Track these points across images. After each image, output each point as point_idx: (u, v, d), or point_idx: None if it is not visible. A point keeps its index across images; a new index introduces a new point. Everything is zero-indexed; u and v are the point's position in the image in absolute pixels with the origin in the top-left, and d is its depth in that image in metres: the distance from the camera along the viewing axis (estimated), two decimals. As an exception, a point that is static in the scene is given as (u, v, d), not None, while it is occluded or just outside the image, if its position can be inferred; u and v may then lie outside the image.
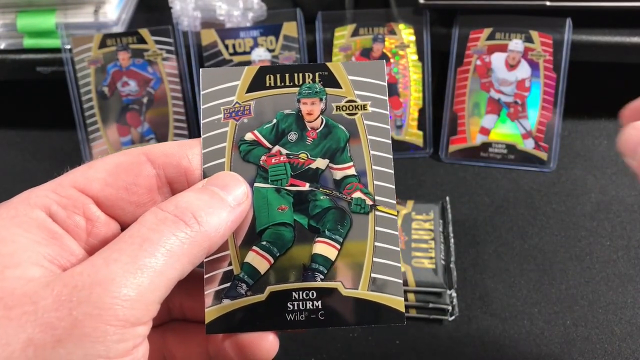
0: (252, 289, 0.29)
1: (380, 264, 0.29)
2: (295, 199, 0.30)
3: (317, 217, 0.30)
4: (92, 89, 0.70)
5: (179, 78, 0.71)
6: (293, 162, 0.31)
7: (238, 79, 0.31)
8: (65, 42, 0.69)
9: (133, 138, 0.72)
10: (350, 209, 0.30)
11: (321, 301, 0.29)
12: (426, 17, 0.69)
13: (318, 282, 0.29)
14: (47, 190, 0.28)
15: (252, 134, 0.31)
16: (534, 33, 0.68)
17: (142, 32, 0.70)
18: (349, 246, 0.30)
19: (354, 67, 0.31)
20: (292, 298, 0.29)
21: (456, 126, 0.71)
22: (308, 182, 0.30)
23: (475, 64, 0.70)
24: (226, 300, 0.29)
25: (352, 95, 0.31)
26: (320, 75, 0.31)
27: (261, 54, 0.70)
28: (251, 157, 0.30)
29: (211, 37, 0.69)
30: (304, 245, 0.30)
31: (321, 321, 0.29)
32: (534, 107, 0.69)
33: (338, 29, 0.71)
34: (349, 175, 0.30)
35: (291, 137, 0.31)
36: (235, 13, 0.70)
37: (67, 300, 0.22)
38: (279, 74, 0.31)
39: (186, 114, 0.72)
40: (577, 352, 0.52)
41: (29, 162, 0.74)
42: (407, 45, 0.70)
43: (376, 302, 0.29)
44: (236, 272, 0.29)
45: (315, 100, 0.31)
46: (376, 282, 0.29)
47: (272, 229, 0.30)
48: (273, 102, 0.31)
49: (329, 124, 0.31)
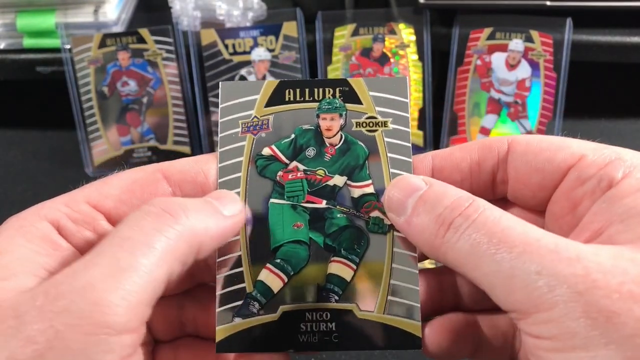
0: (265, 308, 0.28)
1: (397, 286, 0.28)
2: (311, 217, 0.30)
3: (334, 236, 0.29)
4: (91, 89, 0.70)
5: (178, 78, 0.71)
6: (310, 178, 0.30)
7: (257, 93, 0.30)
8: (65, 42, 0.69)
9: (133, 138, 0.72)
10: (367, 228, 0.29)
11: (335, 323, 0.28)
12: (426, 17, 0.69)
13: (333, 304, 0.28)
14: (59, 204, 0.27)
15: (269, 149, 0.30)
16: (534, 33, 0.68)
17: (142, 31, 0.70)
18: (366, 267, 0.29)
19: (375, 83, 0.30)
20: (305, 319, 0.28)
21: (456, 126, 0.70)
22: (325, 199, 0.30)
23: (475, 63, 0.70)
24: (238, 319, 0.28)
25: (373, 112, 0.30)
26: (340, 90, 0.30)
27: (261, 54, 0.70)
28: (268, 172, 0.30)
29: (211, 37, 0.69)
30: (319, 265, 0.29)
31: (335, 344, 0.28)
32: (534, 107, 0.69)
33: (338, 29, 0.71)
34: (367, 194, 0.30)
35: (309, 152, 0.30)
36: (235, 13, 0.70)
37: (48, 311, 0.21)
38: (299, 89, 0.30)
39: (186, 114, 0.72)
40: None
41: (29, 162, 0.74)
42: (407, 45, 0.70)
43: (392, 326, 0.28)
44: (249, 290, 0.28)
45: (335, 115, 0.30)
46: (393, 305, 0.28)
47: (287, 247, 0.29)
48: (292, 117, 0.30)
49: (348, 141, 0.30)
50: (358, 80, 0.30)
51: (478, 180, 0.29)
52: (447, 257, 0.25)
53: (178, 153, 0.73)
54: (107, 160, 0.71)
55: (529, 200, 0.29)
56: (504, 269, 0.22)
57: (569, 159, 0.27)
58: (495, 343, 0.29)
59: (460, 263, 0.24)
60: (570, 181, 0.27)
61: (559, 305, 0.21)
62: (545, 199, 0.28)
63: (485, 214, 0.24)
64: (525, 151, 0.28)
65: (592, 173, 0.26)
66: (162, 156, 0.72)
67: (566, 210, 0.27)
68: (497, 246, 0.23)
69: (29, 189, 0.70)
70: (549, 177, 0.28)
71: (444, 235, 0.25)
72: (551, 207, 0.28)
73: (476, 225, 0.24)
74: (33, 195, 0.69)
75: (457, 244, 0.24)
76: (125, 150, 0.72)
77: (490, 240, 0.23)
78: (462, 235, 0.24)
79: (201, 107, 0.70)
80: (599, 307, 0.21)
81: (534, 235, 0.23)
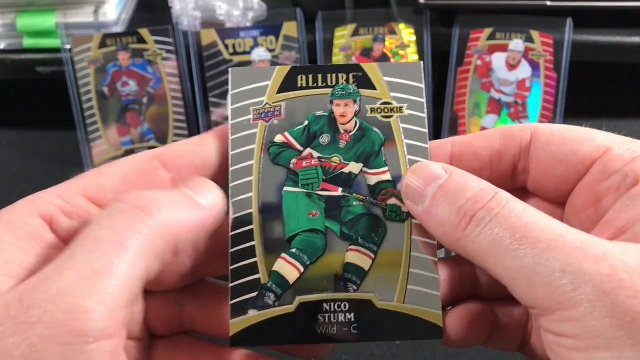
0: (281, 299, 0.27)
1: (416, 274, 0.28)
2: (326, 204, 0.29)
3: (350, 224, 0.29)
4: (91, 89, 0.70)
5: (178, 78, 0.71)
6: (325, 165, 0.29)
7: (268, 79, 0.30)
8: (64, 42, 0.69)
9: (133, 138, 0.72)
10: (384, 216, 0.28)
11: (354, 313, 0.27)
12: (426, 17, 0.69)
13: (351, 293, 0.28)
14: (53, 196, 0.26)
15: (282, 136, 0.29)
16: (535, 33, 0.68)
17: (142, 31, 0.70)
18: (384, 255, 0.28)
19: (389, 68, 0.30)
20: (322, 309, 0.27)
21: (456, 126, 0.70)
22: (340, 186, 0.29)
23: (475, 63, 0.70)
24: (252, 311, 0.27)
25: (388, 97, 0.29)
26: (354, 76, 0.30)
27: (261, 54, 0.70)
28: (281, 160, 0.29)
29: (211, 37, 0.69)
30: (335, 254, 0.28)
31: (354, 335, 0.27)
32: (535, 107, 0.69)
33: (338, 29, 0.71)
34: (383, 181, 0.29)
35: (323, 139, 0.29)
36: (235, 13, 0.70)
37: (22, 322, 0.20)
38: (311, 74, 0.30)
39: (186, 114, 0.72)
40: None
41: (29, 162, 0.74)
42: (407, 45, 0.70)
43: (412, 316, 0.27)
44: (263, 281, 0.28)
45: (349, 101, 0.29)
46: (412, 294, 0.27)
47: (303, 236, 0.28)
48: (304, 103, 0.29)
49: (363, 127, 0.29)
50: (372, 65, 0.30)
51: (498, 169, 0.29)
52: (467, 249, 0.24)
53: (178, 153, 0.73)
54: (107, 160, 0.71)
55: (550, 191, 0.29)
56: (526, 265, 0.22)
57: (594, 152, 0.26)
58: (508, 331, 0.29)
59: (480, 257, 0.24)
60: (594, 174, 0.26)
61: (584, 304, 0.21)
62: (567, 191, 0.28)
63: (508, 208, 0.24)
64: (548, 141, 0.28)
65: (618, 167, 0.25)
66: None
67: (588, 203, 0.27)
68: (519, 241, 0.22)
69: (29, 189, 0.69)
70: (572, 169, 0.27)
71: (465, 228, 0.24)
72: (572, 200, 0.28)
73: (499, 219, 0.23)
74: (33, 195, 0.69)
75: (478, 238, 0.24)
76: (125, 150, 0.72)
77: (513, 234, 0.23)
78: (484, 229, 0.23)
79: (201, 107, 0.70)
80: (625, 307, 0.20)
81: (558, 231, 0.23)
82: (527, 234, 0.22)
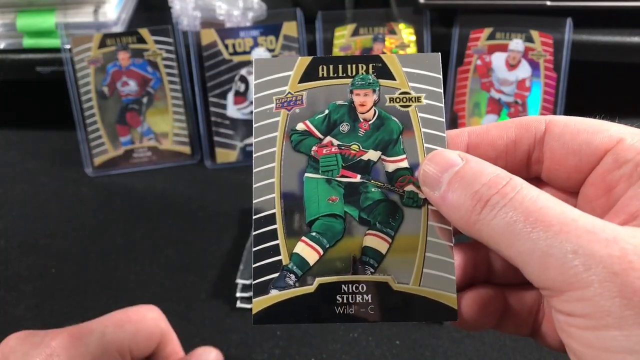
0: (301, 280, 0.29)
1: (432, 259, 0.29)
2: (346, 191, 0.30)
3: (368, 210, 0.30)
4: (91, 89, 0.70)
5: (178, 78, 0.71)
6: (344, 153, 0.30)
7: (291, 69, 0.31)
8: (64, 42, 0.69)
9: (133, 138, 0.72)
10: (402, 202, 0.29)
11: (371, 295, 0.28)
12: (426, 17, 0.69)
13: (368, 276, 0.29)
14: None
15: (303, 124, 0.30)
16: (535, 33, 0.68)
17: (142, 31, 0.70)
18: (401, 240, 0.29)
19: (408, 59, 0.31)
20: (341, 291, 0.28)
21: (457, 126, 0.70)
22: (359, 173, 0.30)
23: (475, 63, 0.70)
24: (274, 291, 0.28)
25: (406, 87, 0.31)
26: (374, 66, 0.31)
27: (261, 54, 0.70)
28: (302, 147, 0.30)
29: (211, 37, 0.69)
30: (354, 238, 0.29)
31: (370, 315, 0.28)
32: (535, 107, 0.69)
33: (338, 29, 0.71)
34: (401, 168, 0.30)
35: (343, 128, 0.31)
36: (235, 13, 0.70)
37: None
38: (332, 65, 0.31)
39: (186, 114, 0.72)
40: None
41: (29, 162, 0.74)
42: (407, 45, 0.70)
43: (427, 298, 0.28)
44: (285, 263, 0.29)
45: (368, 91, 0.31)
46: (428, 277, 0.28)
47: (322, 220, 0.29)
48: (325, 93, 0.31)
49: (382, 116, 0.31)
50: (391, 56, 0.31)
51: (513, 159, 0.30)
52: (482, 234, 0.25)
53: (178, 153, 0.73)
54: (107, 160, 0.71)
55: (563, 181, 0.29)
56: (539, 247, 0.23)
57: (607, 142, 0.27)
58: (519, 317, 0.30)
59: (494, 240, 0.25)
60: (607, 164, 0.27)
61: (594, 285, 0.21)
62: (580, 180, 0.29)
63: (523, 193, 0.24)
64: (562, 132, 0.28)
65: (630, 157, 0.26)
66: (162, 156, 0.72)
67: (601, 192, 0.27)
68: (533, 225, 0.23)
69: (29, 189, 0.70)
70: (585, 159, 0.28)
71: (480, 213, 0.25)
72: (585, 189, 0.29)
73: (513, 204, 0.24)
74: (33, 195, 0.69)
75: (492, 222, 0.24)
76: (125, 150, 0.72)
77: (526, 218, 0.23)
78: (498, 213, 0.24)
79: (201, 107, 0.70)
80: (634, 287, 0.21)
81: (571, 215, 0.23)
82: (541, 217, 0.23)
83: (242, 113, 0.71)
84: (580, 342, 0.22)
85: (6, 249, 0.62)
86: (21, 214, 0.66)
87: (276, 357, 0.51)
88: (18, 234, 0.64)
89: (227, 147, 0.72)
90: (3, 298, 0.57)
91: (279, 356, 0.51)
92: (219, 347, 0.40)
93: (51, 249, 0.62)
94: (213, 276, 0.58)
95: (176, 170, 0.72)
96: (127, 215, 0.65)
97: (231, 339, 0.52)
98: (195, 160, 0.73)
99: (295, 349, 0.51)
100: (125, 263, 0.60)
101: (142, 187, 0.69)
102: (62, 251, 0.61)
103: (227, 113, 0.71)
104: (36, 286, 0.58)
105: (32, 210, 0.67)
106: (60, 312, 0.55)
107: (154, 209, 0.66)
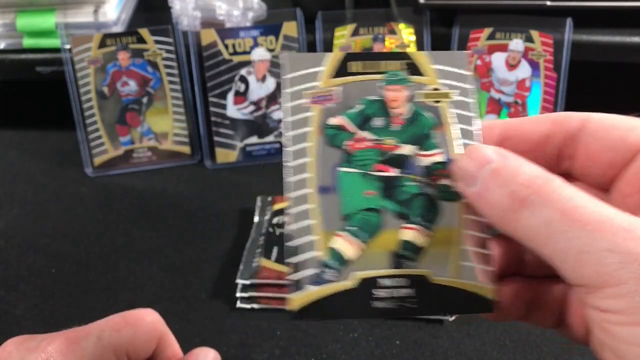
0: (339, 276, 0.28)
1: (469, 251, 0.29)
2: (381, 185, 0.30)
3: (405, 204, 0.30)
4: (91, 89, 0.70)
5: (178, 78, 0.71)
6: (379, 147, 0.31)
7: (323, 65, 0.31)
8: (64, 42, 0.69)
9: (133, 138, 0.72)
10: (437, 195, 0.30)
11: (410, 289, 0.28)
12: (426, 17, 0.69)
13: (407, 269, 0.29)
14: None
15: (337, 119, 0.31)
16: (535, 33, 0.68)
17: (142, 31, 0.70)
18: (438, 233, 0.29)
19: (438, 56, 0.31)
20: (380, 285, 0.28)
21: (456, 126, 0.70)
22: (394, 167, 0.30)
23: (475, 63, 0.70)
24: (311, 287, 0.28)
25: (437, 84, 0.31)
26: (405, 63, 0.31)
27: (261, 54, 0.70)
28: (337, 142, 0.30)
29: (211, 37, 0.69)
30: (391, 232, 0.29)
31: (411, 309, 0.28)
32: (535, 107, 0.69)
33: (338, 29, 0.71)
34: (436, 162, 0.30)
35: (377, 122, 0.31)
36: (235, 13, 0.70)
37: None
38: (364, 61, 0.31)
39: (186, 114, 0.72)
40: (577, 353, 0.52)
41: (29, 162, 0.74)
42: (407, 45, 0.70)
43: (466, 291, 0.29)
44: (323, 258, 0.29)
45: (400, 87, 0.31)
46: (466, 270, 0.29)
47: (359, 215, 0.29)
48: (358, 89, 0.31)
49: (415, 111, 0.31)
50: (421, 53, 0.32)
51: (544, 154, 0.30)
52: (517, 231, 0.25)
53: (178, 153, 0.73)
54: (107, 160, 0.71)
55: (596, 177, 0.30)
56: (575, 246, 0.23)
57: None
58: (547, 308, 0.30)
59: (530, 238, 0.25)
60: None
61: (629, 282, 0.22)
62: (613, 177, 0.29)
63: (559, 192, 0.25)
64: (597, 128, 0.29)
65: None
66: (162, 156, 0.72)
67: (634, 189, 0.28)
68: (569, 224, 0.23)
69: (29, 189, 0.70)
70: (620, 155, 0.28)
71: (517, 212, 0.25)
72: (618, 186, 0.29)
73: (550, 203, 0.24)
74: (33, 195, 0.69)
75: (528, 221, 0.25)
76: (125, 150, 0.72)
77: (562, 217, 0.24)
78: (535, 212, 0.24)
79: (201, 107, 0.70)
80: None
81: (607, 213, 0.24)
82: (577, 216, 0.23)
83: (242, 113, 0.71)
84: (615, 338, 0.23)
85: (6, 249, 0.62)
86: (21, 214, 0.66)
87: (276, 357, 0.51)
88: (18, 234, 0.64)
89: (227, 147, 0.72)
90: (3, 298, 0.57)
91: (279, 356, 0.51)
92: (219, 347, 0.40)
93: (51, 249, 0.62)
94: (213, 276, 0.58)
95: (176, 170, 0.72)
96: (126, 215, 0.65)
97: (231, 339, 0.52)
98: (195, 161, 0.73)
99: (295, 349, 0.51)
100: (125, 263, 0.60)
101: (142, 187, 0.69)
102: (62, 251, 0.61)
103: (227, 113, 0.71)
104: (36, 286, 0.58)
105: (32, 210, 0.67)
106: (60, 313, 0.55)
107: (154, 209, 0.66)
